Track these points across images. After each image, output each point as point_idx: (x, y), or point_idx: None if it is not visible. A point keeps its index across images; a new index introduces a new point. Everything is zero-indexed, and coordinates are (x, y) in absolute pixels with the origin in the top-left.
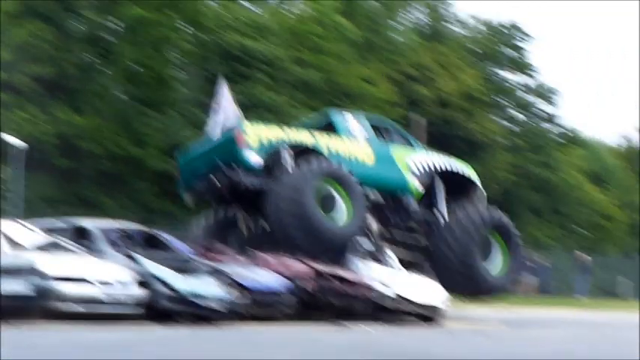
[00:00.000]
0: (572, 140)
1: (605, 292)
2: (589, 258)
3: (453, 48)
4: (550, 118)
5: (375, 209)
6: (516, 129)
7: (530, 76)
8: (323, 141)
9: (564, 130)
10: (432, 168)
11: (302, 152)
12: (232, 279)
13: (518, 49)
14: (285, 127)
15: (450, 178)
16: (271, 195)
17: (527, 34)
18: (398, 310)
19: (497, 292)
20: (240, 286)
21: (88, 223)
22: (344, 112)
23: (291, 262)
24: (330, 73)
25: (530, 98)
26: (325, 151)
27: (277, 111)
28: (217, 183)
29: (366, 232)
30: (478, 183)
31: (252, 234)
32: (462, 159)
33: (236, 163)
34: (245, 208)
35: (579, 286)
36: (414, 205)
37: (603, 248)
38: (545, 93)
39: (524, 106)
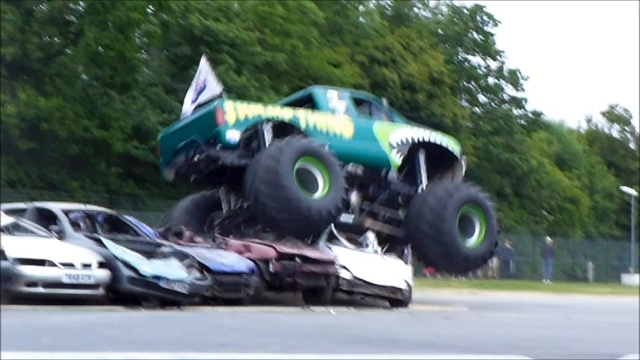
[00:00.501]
0: (537, 123)
1: (570, 275)
2: (553, 241)
3: (418, 31)
4: (515, 102)
5: (355, 182)
6: (481, 112)
7: (496, 59)
8: (301, 115)
9: (529, 114)
10: (413, 140)
11: (280, 127)
12: (196, 261)
13: (484, 32)
14: (265, 104)
15: (431, 150)
16: (248, 172)
17: (493, 18)
18: (356, 292)
19: (475, 267)
20: (205, 268)
21: (52, 205)
22: (325, 88)
23: (256, 245)
24: (295, 56)
25: (496, 81)
26: (303, 125)
27: (242, 93)
28: (196, 159)
29: (346, 205)
30: (459, 155)
31: (235, 212)
32: None
33: (215, 140)
34: (227, 185)
35: (544, 270)
36: (394, 178)
37: (567, 232)
38: (510, 76)
39: (490, 90)
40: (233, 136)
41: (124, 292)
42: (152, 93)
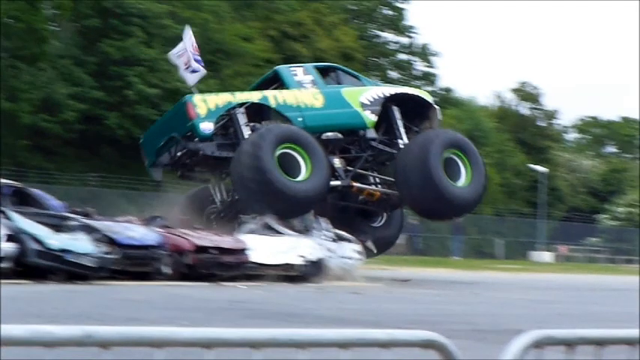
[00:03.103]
0: (448, 100)
1: (479, 252)
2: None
3: (330, 6)
4: (427, 78)
5: (337, 147)
6: None
7: (408, 36)
8: (270, 94)
9: (440, 90)
10: (384, 96)
11: (253, 110)
12: (104, 235)
13: (394, 8)
14: (234, 92)
15: (404, 104)
16: (233, 167)
17: None
18: (253, 274)
19: (468, 209)
20: (112, 242)
21: None
22: (289, 65)
23: (171, 236)
24: (207, 30)
25: (407, 57)
26: (273, 104)
27: (152, 66)
28: (179, 155)
29: (332, 171)
30: (432, 102)
31: (229, 204)
32: None
33: (191, 134)
34: (214, 176)
35: (453, 246)
36: (373, 136)
37: (477, 208)
38: (422, 53)
39: (401, 66)
40: (207, 127)
41: (31, 265)
42: (61, 65)
